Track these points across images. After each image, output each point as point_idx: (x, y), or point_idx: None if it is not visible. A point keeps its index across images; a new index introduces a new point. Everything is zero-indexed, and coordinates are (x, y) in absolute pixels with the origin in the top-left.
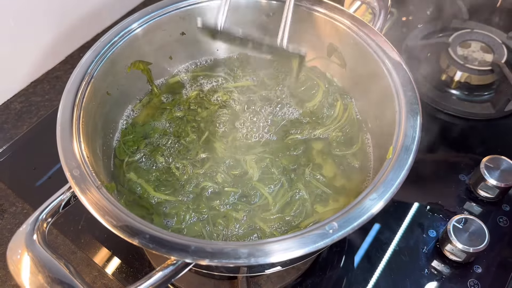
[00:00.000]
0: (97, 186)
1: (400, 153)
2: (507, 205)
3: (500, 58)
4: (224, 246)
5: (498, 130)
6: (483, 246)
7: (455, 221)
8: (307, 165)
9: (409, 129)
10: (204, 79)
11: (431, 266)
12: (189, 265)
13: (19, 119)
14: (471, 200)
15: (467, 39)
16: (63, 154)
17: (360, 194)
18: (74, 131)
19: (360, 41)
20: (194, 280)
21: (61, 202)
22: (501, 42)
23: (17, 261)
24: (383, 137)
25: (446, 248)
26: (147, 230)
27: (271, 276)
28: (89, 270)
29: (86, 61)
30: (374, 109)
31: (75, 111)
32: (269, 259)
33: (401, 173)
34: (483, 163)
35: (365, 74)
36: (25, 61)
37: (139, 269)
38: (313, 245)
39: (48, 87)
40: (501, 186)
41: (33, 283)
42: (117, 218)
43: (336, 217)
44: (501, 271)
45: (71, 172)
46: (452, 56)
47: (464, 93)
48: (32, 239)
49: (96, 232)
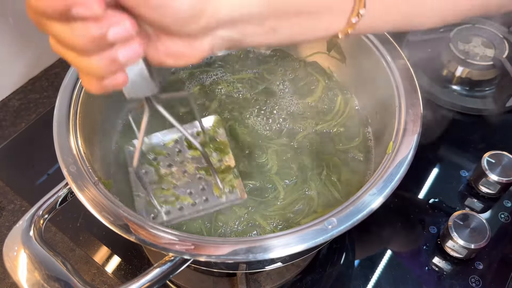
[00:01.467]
0: (94, 182)
1: (400, 148)
2: (508, 201)
3: (502, 53)
4: (223, 242)
5: (500, 125)
6: (484, 242)
7: (456, 217)
8: (326, 166)
9: (409, 124)
10: (203, 74)
11: (432, 262)
12: (187, 262)
13: (18, 116)
14: (472, 196)
15: (468, 34)
16: (60, 150)
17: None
18: (71, 127)
19: (360, 36)
20: (193, 277)
21: (58, 198)
22: (502, 37)
23: (14, 258)
24: (383, 132)
25: (447, 244)
26: (145, 226)
27: (270, 273)
28: (87, 267)
29: None
30: (375, 103)
31: (72, 107)
32: (268, 255)
33: (401, 169)
34: (484, 158)
35: (365, 69)
36: (23, 58)
37: (138, 267)
38: (312, 241)
39: (47, 84)
40: (502, 182)
41: (29, 280)
42: (114, 214)
43: (335, 212)
44: (502, 268)
45: (68, 168)
46: (453, 51)
47: (465, 88)
48: (28, 235)
49: (94, 229)
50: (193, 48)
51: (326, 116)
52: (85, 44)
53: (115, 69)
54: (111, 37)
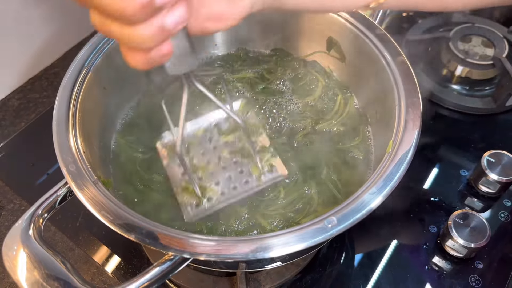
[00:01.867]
0: (93, 181)
1: (400, 148)
2: (508, 200)
3: (501, 52)
4: (222, 241)
5: (499, 125)
6: (484, 241)
7: (456, 217)
8: (326, 165)
9: (409, 123)
10: (203, 73)
11: (432, 262)
12: (186, 261)
13: (17, 115)
14: (472, 195)
15: (468, 33)
16: (59, 149)
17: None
18: (71, 126)
19: (360, 35)
20: (193, 277)
21: (58, 197)
22: (502, 37)
23: (13, 257)
24: (383, 131)
25: (447, 243)
26: (144, 225)
27: (270, 272)
28: (87, 267)
29: (82, 56)
30: (374, 102)
31: (71, 106)
32: (267, 254)
33: (401, 168)
34: (484, 158)
35: (365, 68)
36: (23, 58)
37: (137, 266)
38: (312, 240)
39: (46, 84)
40: (502, 181)
41: (29, 280)
42: (113, 213)
43: (335, 211)
44: (502, 267)
45: (67, 168)
46: (453, 51)
47: (465, 87)
48: (28, 234)
49: (94, 229)
50: (235, 7)
51: (326, 115)
52: (135, 10)
53: (162, 38)
54: (160, 1)
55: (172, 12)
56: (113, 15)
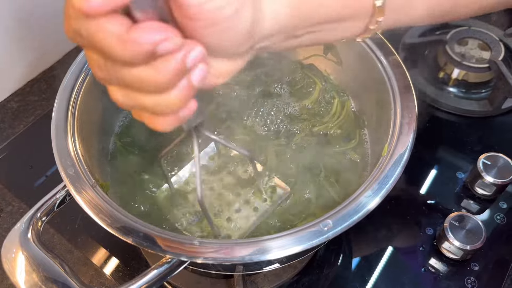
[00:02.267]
0: (91, 185)
1: (396, 150)
2: (504, 202)
3: (498, 55)
4: (220, 244)
5: (495, 127)
6: (480, 243)
7: (452, 219)
8: (324, 168)
9: (405, 126)
10: None
11: (428, 264)
12: (184, 263)
13: (16, 118)
14: (468, 198)
15: (464, 36)
16: (58, 152)
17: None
18: (69, 129)
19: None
20: (191, 279)
21: (56, 200)
22: (498, 40)
23: (12, 259)
24: (379, 134)
25: (443, 245)
26: (141, 228)
27: (267, 274)
28: (86, 269)
29: (81, 59)
30: (371, 106)
31: (70, 109)
32: (264, 257)
33: (397, 170)
34: (480, 160)
35: (361, 71)
36: (22, 60)
37: (136, 268)
38: (308, 242)
39: (45, 87)
40: (498, 184)
41: (27, 282)
42: (111, 216)
43: (331, 214)
44: (498, 268)
45: (66, 171)
46: (450, 54)
47: (461, 90)
48: (26, 237)
49: (92, 231)
50: (237, 65)
51: (323, 118)
52: (170, 78)
53: (191, 96)
54: (191, 62)
55: (196, 70)
56: (148, 88)
